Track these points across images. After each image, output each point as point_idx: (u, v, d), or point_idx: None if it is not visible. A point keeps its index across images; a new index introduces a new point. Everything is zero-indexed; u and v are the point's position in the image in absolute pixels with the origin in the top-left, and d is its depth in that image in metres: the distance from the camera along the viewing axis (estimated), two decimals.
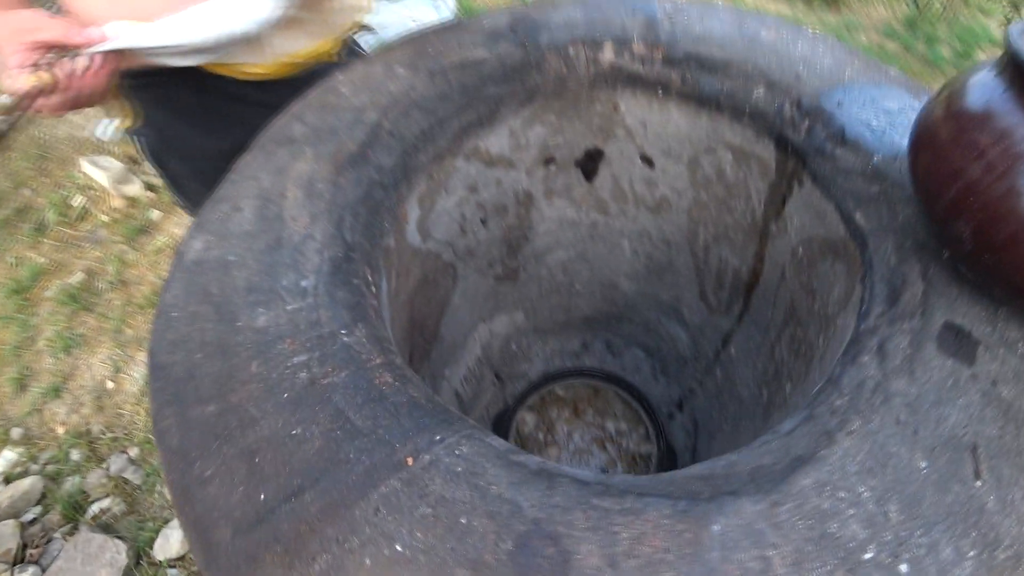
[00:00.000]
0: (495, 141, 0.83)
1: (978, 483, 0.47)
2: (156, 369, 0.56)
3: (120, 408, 1.61)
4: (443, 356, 1.00)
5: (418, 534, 0.46)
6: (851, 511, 0.45)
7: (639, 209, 0.94)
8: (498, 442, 0.51)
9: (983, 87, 0.51)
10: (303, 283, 0.61)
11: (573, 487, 0.47)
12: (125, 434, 1.53)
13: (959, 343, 0.52)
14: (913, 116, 0.68)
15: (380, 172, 0.71)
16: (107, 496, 1.39)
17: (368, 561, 0.45)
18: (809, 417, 0.50)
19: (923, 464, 0.47)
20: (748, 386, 0.88)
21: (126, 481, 1.43)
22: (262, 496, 0.49)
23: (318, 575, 0.45)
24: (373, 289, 0.64)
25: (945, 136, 0.52)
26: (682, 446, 1.03)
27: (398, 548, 0.45)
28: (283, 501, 0.49)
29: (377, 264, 0.68)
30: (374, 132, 0.72)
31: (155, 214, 2.07)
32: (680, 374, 1.07)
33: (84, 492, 1.41)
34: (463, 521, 0.46)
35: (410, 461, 0.49)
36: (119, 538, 1.27)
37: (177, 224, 2.04)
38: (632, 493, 0.46)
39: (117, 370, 1.69)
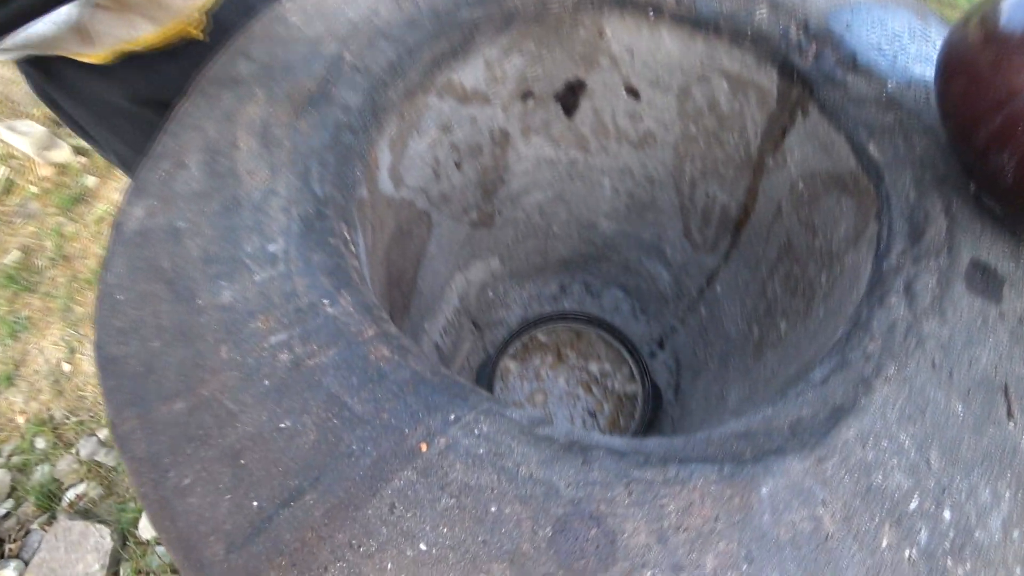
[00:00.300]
0: (470, 74, 0.72)
1: (1011, 424, 0.45)
2: (107, 364, 0.46)
3: (81, 390, 1.46)
4: (422, 309, 0.92)
5: (443, 529, 0.40)
6: (894, 461, 0.43)
7: (621, 145, 0.87)
8: (519, 414, 0.45)
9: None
10: (271, 248, 0.51)
11: (610, 460, 0.42)
12: (91, 416, 1.40)
13: (986, 281, 0.49)
14: (922, 39, 0.63)
15: (347, 113, 0.60)
16: (81, 481, 1.28)
17: (390, 565, 0.39)
18: (843, 363, 0.47)
19: (959, 408, 0.45)
20: (736, 323, 0.86)
21: (99, 464, 1.32)
22: (255, 503, 0.42)
23: None
24: (352, 248, 0.55)
25: (985, 62, 0.47)
26: (664, 384, 1.02)
27: (422, 547, 0.40)
28: (280, 506, 0.42)
29: (352, 219, 0.59)
30: (335, 66, 0.61)
31: (90, 180, 1.83)
32: (661, 313, 1.04)
33: (56, 480, 1.29)
34: (493, 509, 0.41)
35: (424, 447, 0.43)
36: (101, 522, 1.17)
37: (117, 189, 1.81)
38: (674, 460, 0.42)
39: (72, 351, 1.53)
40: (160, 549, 1.17)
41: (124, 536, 1.19)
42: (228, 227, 0.52)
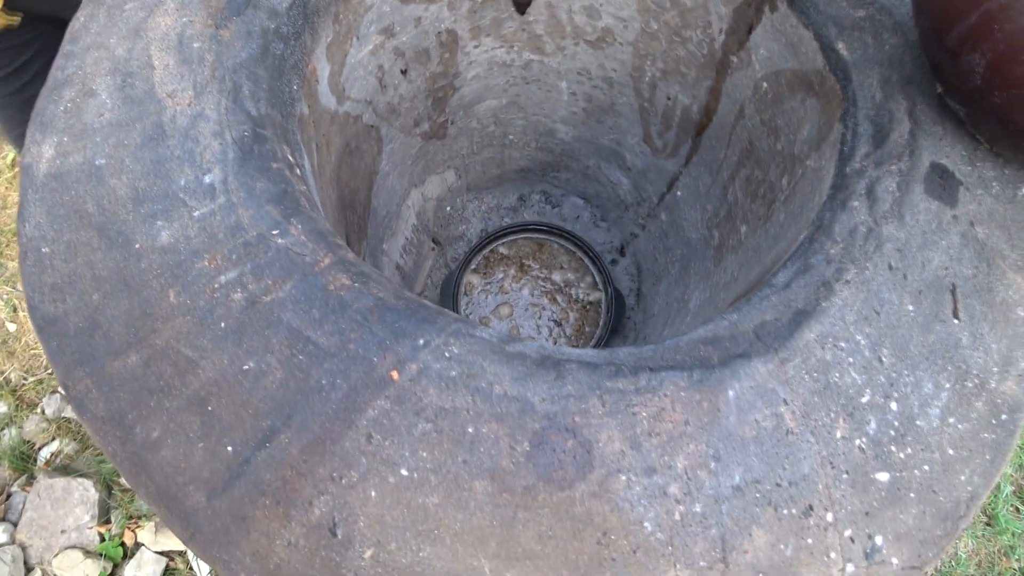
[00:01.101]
0: None
1: (956, 321, 0.48)
2: (45, 325, 0.43)
3: (34, 348, 1.38)
4: (379, 230, 0.89)
5: (423, 453, 0.41)
6: (850, 359, 0.45)
7: (578, 45, 0.81)
8: (489, 333, 0.45)
9: None
10: (207, 179, 0.47)
11: (583, 372, 0.43)
12: (49, 373, 1.33)
13: (944, 184, 0.50)
14: None
15: (275, 18, 0.53)
16: (53, 439, 1.25)
17: (374, 493, 0.40)
18: (805, 267, 0.48)
19: (911, 308, 0.47)
20: (697, 228, 0.86)
21: (68, 420, 1.28)
22: (229, 448, 0.41)
23: (320, 519, 0.40)
24: (298, 172, 0.51)
25: None
26: (627, 290, 1.04)
27: (404, 473, 0.41)
28: (256, 448, 0.41)
29: (295, 139, 0.54)
30: None
31: None
32: (621, 220, 1.04)
33: (27, 442, 1.25)
34: (470, 430, 0.41)
35: (395, 375, 0.42)
36: (82, 476, 1.16)
37: None
38: (645, 369, 0.43)
39: (14, 309, 1.42)
40: None
41: (108, 486, 1.18)
42: (155, 159, 0.47)
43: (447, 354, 0.43)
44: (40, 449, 1.25)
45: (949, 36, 0.45)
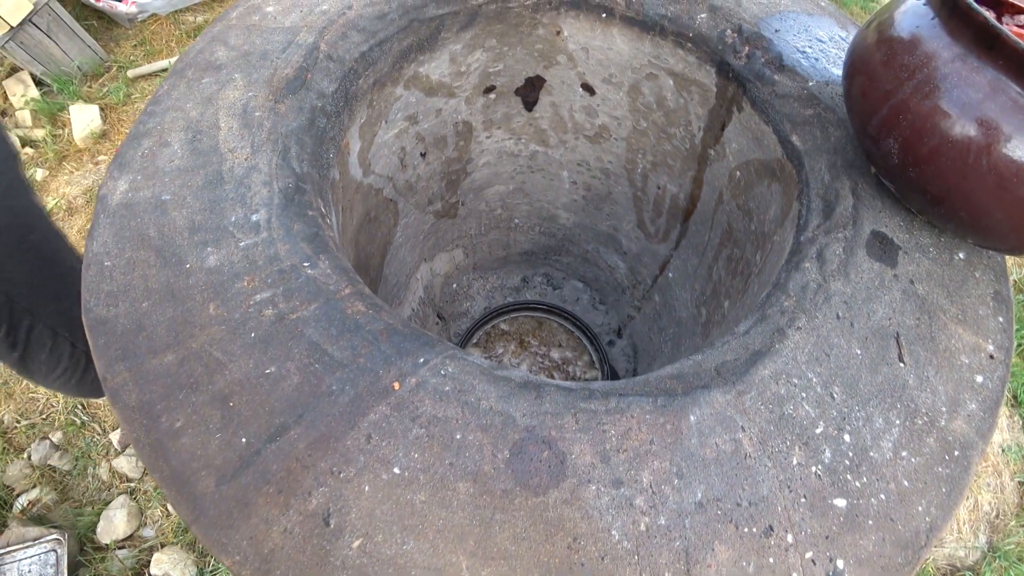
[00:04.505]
0: (436, 67, 0.81)
1: (901, 365, 0.56)
2: (96, 325, 0.52)
3: (33, 392, 1.45)
4: (387, 297, 1.00)
5: (415, 455, 0.48)
6: (803, 395, 0.53)
7: (578, 139, 0.97)
8: (480, 360, 0.53)
9: (912, 14, 0.57)
10: (254, 217, 0.59)
11: (560, 394, 0.50)
12: (44, 419, 1.40)
13: (884, 248, 0.61)
14: (843, 45, 0.75)
15: (322, 99, 0.68)
16: (34, 487, 1.28)
17: (367, 488, 0.47)
18: (762, 318, 0.57)
19: (858, 351, 0.55)
20: (687, 307, 0.96)
21: (53, 469, 1.32)
22: (243, 440, 0.49)
23: (316, 509, 0.46)
24: (328, 220, 0.63)
25: (878, 60, 0.58)
26: (624, 371, 1.11)
27: (396, 471, 0.47)
28: (267, 441, 0.49)
29: (327, 196, 0.67)
30: (311, 55, 0.69)
31: (39, 173, 1.82)
32: (619, 302, 1.14)
33: (7, 486, 1.29)
34: (458, 437, 0.49)
35: (396, 386, 0.51)
36: (55, 527, 1.18)
37: (68, 182, 1.78)
38: (615, 394, 0.50)
39: None
40: (121, 552, 1.18)
41: (81, 542, 1.20)
42: (212, 199, 0.59)
43: (443, 372, 0.52)
44: (19, 496, 1.27)
45: (870, 125, 0.58)
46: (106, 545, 1.20)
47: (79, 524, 1.22)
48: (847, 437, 0.52)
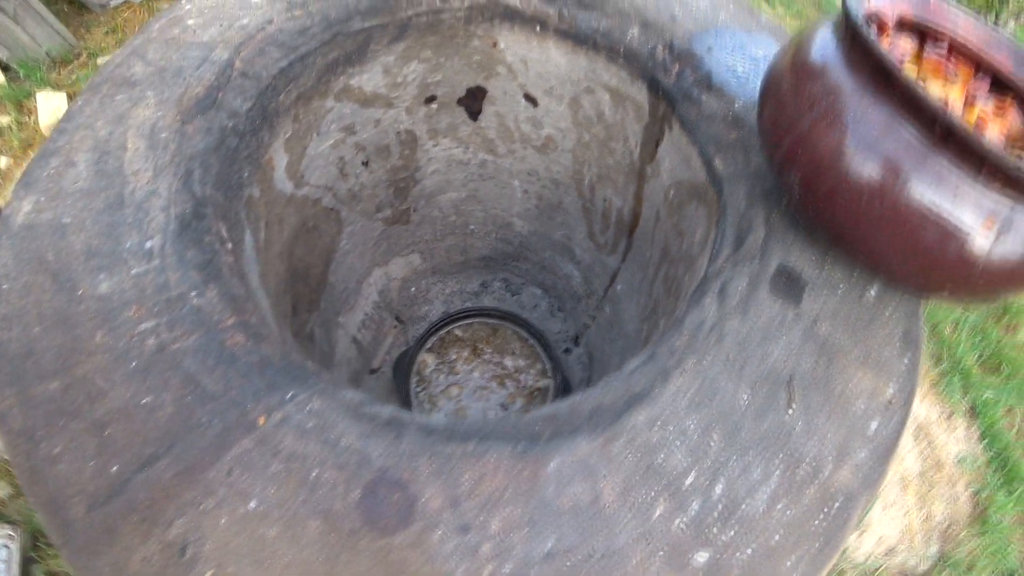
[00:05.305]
0: (368, 79, 0.81)
1: (790, 411, 0.54)
2: None
3: None
4: (335, 304, 1.01)
5: (271, 490, 0.49)
6: (678, 442, 0.52)
7: (526, 149, 0.95)
8: (351, 395, 0.54)
9: (823, 42, 0.54)
10: (148, 244, 0.60)
11: (419, 435, 0.51)
12: None
13: (789, 285, 0.59)
14: None
15: (234, 117, 0.68)
16: None
17: (224, 520, 0.48)
18: (651, 357, 0.56)
19: (745, 396, 0.54)
20: (632, 321, 0.95)
21: (7, 462, 1.37)
22: (114, 468, 0.50)
23: (174, 539, 0.48)
24: (229, 245, 0.64)
25: (786, 86, 0.56)
26: (578, 379, 1.11)
27: (252, 505, 0.48)
28: (137, 471, 0.50)
29: (236, 217, 0.67)
30: (224, 73, 0.69)
31: (2, 161, 1.85)
32: (575, 310, 1.13)
33: None
34: (314, 474, 0.49)
35: (262, 420, 0.52)
36: (9, 522, 1.22)
37: None
38: (475, 437, 0.50)
39: None
40: None
41: (35, 537, 1.23)
42: (111, 223, 0.60)
43: (308, 408, 0.52)
44: None
45: (775, 157, 0.56)
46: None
47: (33, 520, 1.24)
48: (719, 488, 0.51)
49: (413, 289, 1.15)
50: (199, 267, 0.59)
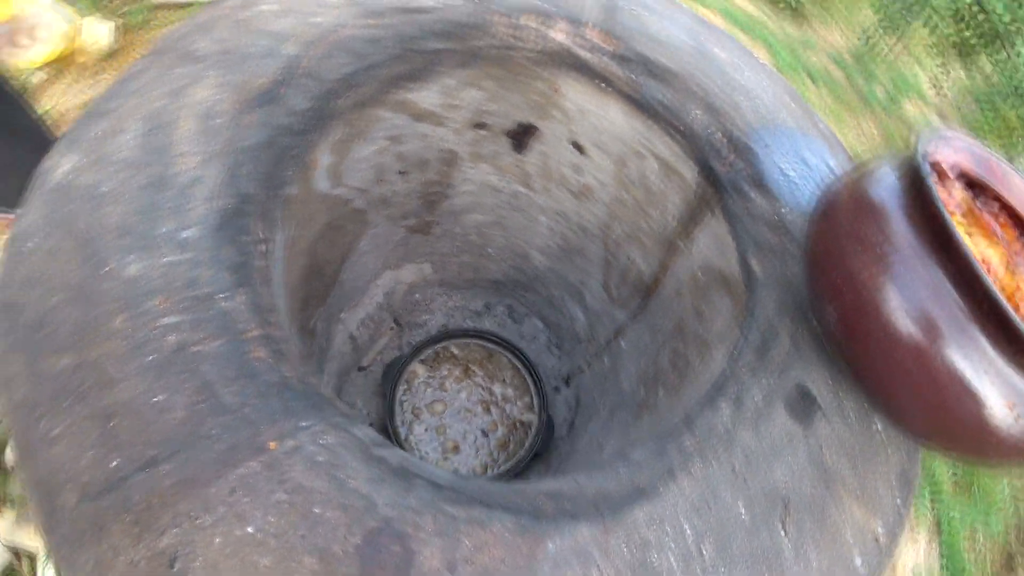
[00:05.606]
0: (426, 96, 0.80)
1: (783, 532, 0.56)
2: (4, 308, 0.53)
3: None
4: (341, 300, 1.00)
5: (271, 519, 0.49)
6: (672, 544, 0.53)
7: (562, 191, 0.96)
8: (364, 432, 0.53)
9: (884, 182, 0.55)
10: (184, 234, 0.58)
11: (427, 490, 0.51)
12: None
13: (804, 405, 0.60)
14: (826, 174, 0.73)
15: (291, 116, 0.67)
16: None
17: (219, 540, 0.48)
18: (660, 452, 0.57)
19: (743, 510, 0.55)
20: (630, 380, 0.96)
21: None
22: (114, 463, 0.49)
23: (165, 549, 0.47)
24: (263, 247, 0.63)
25: (843, 217, 0.57)
26: (562, 420, 1.12)
27: (249, 530, 0.48)
28: (136, 470, 0.49)
29: (273, 216, 0.66)
30: (291, 69, 0.68)
31: (36, 76, 1.78)
32: (573, 351, 1.14)
33: None
34: (317, 511, 0.49)
35: (273, 445, 0.51)
36: None
37: (66, 90, 1.76)
38: (481, 503, 0.51)
39: None
40: None
41: None
42: (150, 204, 0.59)
43: (321, 441, 0.52)
44: None
45: (816, 281, 0.57)
46: (11, 468, 1.20)
47: None
48: None
49: (418, 296, 1.15)
50: (232, 268, 0.58)
